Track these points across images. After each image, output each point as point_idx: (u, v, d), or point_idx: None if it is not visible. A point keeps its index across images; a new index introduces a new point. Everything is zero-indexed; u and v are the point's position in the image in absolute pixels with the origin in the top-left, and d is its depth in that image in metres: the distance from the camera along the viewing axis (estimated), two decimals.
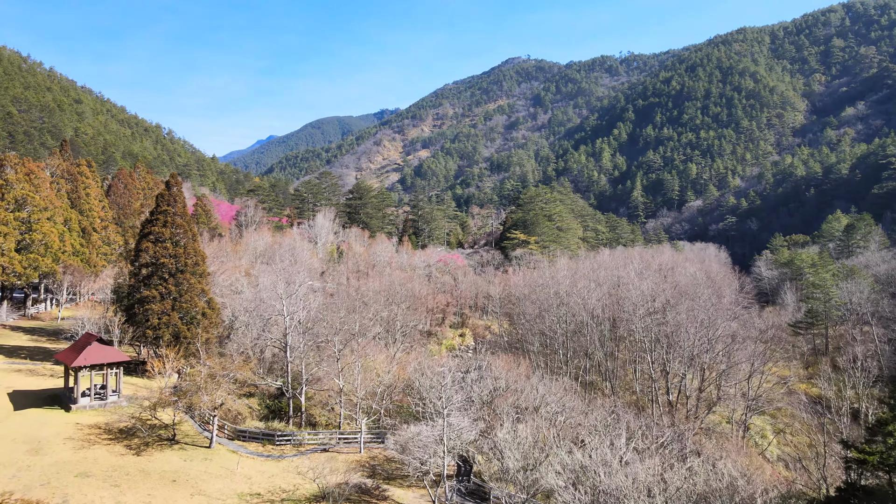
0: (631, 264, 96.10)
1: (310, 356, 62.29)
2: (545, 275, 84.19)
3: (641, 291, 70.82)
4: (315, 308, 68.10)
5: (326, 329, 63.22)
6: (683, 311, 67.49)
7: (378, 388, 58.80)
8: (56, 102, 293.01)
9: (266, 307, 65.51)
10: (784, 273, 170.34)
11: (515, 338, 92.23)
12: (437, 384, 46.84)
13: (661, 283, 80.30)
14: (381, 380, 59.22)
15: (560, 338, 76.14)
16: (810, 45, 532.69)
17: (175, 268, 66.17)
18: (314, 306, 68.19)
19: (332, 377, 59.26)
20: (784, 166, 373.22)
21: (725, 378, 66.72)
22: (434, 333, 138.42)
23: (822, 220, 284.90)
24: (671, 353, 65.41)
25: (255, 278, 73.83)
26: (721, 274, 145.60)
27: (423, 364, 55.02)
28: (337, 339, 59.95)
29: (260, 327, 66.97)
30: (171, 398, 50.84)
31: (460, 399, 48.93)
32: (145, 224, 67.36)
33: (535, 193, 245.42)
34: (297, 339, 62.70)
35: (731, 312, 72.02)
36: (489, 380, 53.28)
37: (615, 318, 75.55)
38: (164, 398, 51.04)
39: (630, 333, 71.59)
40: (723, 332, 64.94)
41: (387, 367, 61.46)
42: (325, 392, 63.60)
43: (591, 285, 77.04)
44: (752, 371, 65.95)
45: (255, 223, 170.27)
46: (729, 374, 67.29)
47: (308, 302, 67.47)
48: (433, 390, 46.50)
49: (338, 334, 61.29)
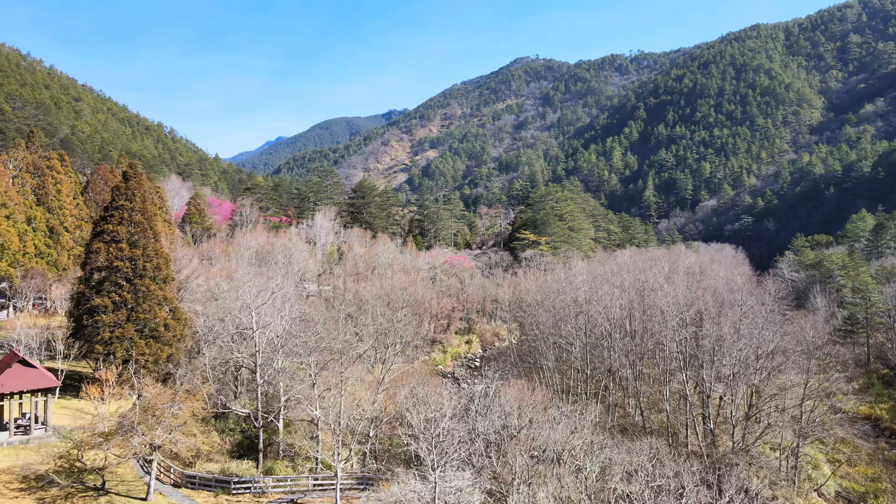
0: (656, 267, 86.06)
1: (286, 378, 52.71)
2: (560, 279, 74.07)
3: (674, 299, 60.95)
4: (292, 319, 58.27)
5: (301, 346, 53.42)
6: (728, 322, 57.76)
7: (361, 421, 48.87)
8: (53, 100, 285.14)
9: (235, 319, 55.70)
10: (812, 275, 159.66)
11: (527, 348, 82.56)
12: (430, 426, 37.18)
13: (693, 288, 70.51)
14: (364, 411, 49.34)
15: (578, 351, 66.39)
16: (826, 42, 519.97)
17: (132, 272, 56.87)
18: (291, 317, 58.39)
19: (307, 406, 49.68)
20: (802, 164, 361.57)
21: (774, 400, 57.05)
22: (439, 341, 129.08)
23: (843, 219, 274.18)
24: (711, 371, 55.78)
25: (240, 282, 64.21)
26: (745, 276, 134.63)
27: (417, 392, 45.34)
28: (313, 361, 50.46)
29: (228, 342, 57.18)
30: (97, 439, 41.12)
31: (461, 434, 39.66)
32: (98, 222, 58.03)
33: (545, 192, 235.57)
34: (275, 357, 53.40)
35: (779, 324, 61.98)
36: (497, 412, 43.45)
37: (644, 330, 65.73)
38: (87, 439, 41.37)
39: (659, 347, 61.96)
40: (774, 346, 55.24)
41: (372, 396, 51.44)
42: (303, 422, 53.76)
43: (614, 292, 66.93)
44: (807, 394, 56.20)
45: (251, 223, 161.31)
46: (777, 395, 57.62)
47: (287, 311, 57.70)
48: (426, 435, 36.93)
49: (313, 353, 51.84)
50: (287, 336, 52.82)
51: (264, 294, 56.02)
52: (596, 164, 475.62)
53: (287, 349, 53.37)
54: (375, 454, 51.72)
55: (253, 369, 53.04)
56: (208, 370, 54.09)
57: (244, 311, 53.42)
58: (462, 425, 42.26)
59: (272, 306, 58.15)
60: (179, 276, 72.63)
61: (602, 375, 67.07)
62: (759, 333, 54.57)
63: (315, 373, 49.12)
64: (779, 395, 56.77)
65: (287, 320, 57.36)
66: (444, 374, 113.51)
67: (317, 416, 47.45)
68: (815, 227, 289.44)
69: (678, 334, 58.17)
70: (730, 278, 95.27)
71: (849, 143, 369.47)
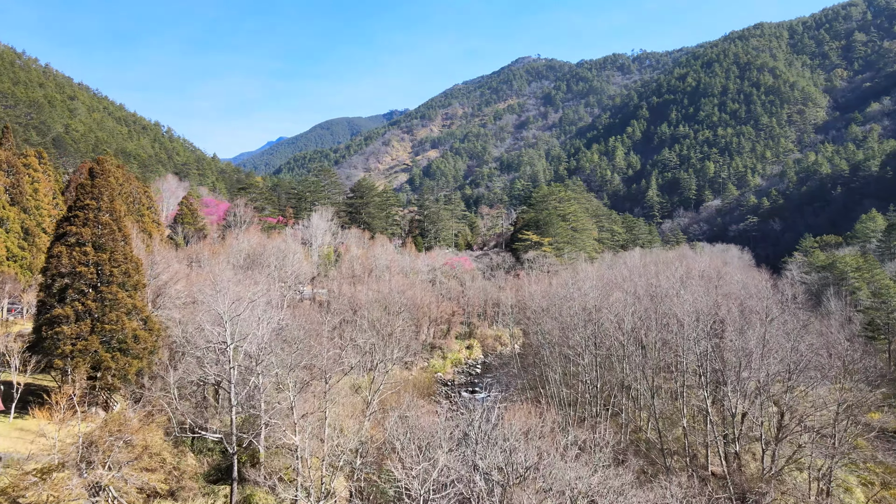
0: (668, 270, 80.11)
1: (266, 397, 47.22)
2: (567, 284, 68.40)
3: (693, 307, 55.31)
4: (274, 331, 52.67)
5: (279, 364, 47.68)
6: (754, 332, 52.26)
7: (344, 454, 43.31)
8: (47, 98, 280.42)
9: (206, 332, 50.07)
10: (824, 278, 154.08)
11: (531, 359, 77.21)
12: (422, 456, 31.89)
13: (711, 294, 64.99)
14: (348, 440, 43.74)
15: (588, 363, 60.91)
16: (831, 40, 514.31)
17: (97, 279, 51.67)
18: (273, 328, 52.83)
19: (286, 430, 44.20)
20: (807, 164, 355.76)
21: (806, 419, 51.66)
22: (438, 346, 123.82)
23: (851, 219, 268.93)
24: (737, 387, 50.44)
25: (222, 288, 58.87)
26: (762, 280, 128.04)
27: (408, 416, 40.02)
28: (291, 382, 44.95)
29: (201, 356, 51.56)
30: (30, 479, 35.51)
31: (459, 471, 34.32)
32: (60, 223, 52.72)
33: (548, 192, 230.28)
34: (252, 373, 47.97)
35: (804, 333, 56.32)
36: (500, 443, 37.85)
37: (660, 341, 60.11)
38: (16, 482, 35.72)
39: (676, 360, 56.54)
40: (807, 359, 49.78)
41: (357, 424, 45.83)
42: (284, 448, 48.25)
43: (626, 299, 61.22)
44: (840, 415, 50.71)
45: (244, 223, 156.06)
46: (810, 413, 52.23)
47: (267, 323, 52.12)
48: (417, 475, 31.60)
49: (293, 371, 46.35)
50: (264, 351, 47.21)
51: (242, 303, 50.58)
52: (598, 164, 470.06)
53: (264, 366, 47.84)
54: (361, 492, 45.97)
55: (227, 387, 47.64)
56: (173, 389, 48.59)
57: (217, 323, 48.02)
58: (459, 461, 36.85)
59: (252, 315, 52.92)
60: (157, 280, 67.43)
61: (614, 389, 61.71)
62: (790, 346, 49.23)
63: (294, 394, 43.79)
64: (811, 414, 51.38)
65: (268, 332, 51.81)
66: (443, 382, 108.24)
67: (296, 443, 42.17)
68: (822, 227, 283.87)
69: (698, 346, 52.85)
70: (746, 282, 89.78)
71: (855, 142, 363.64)
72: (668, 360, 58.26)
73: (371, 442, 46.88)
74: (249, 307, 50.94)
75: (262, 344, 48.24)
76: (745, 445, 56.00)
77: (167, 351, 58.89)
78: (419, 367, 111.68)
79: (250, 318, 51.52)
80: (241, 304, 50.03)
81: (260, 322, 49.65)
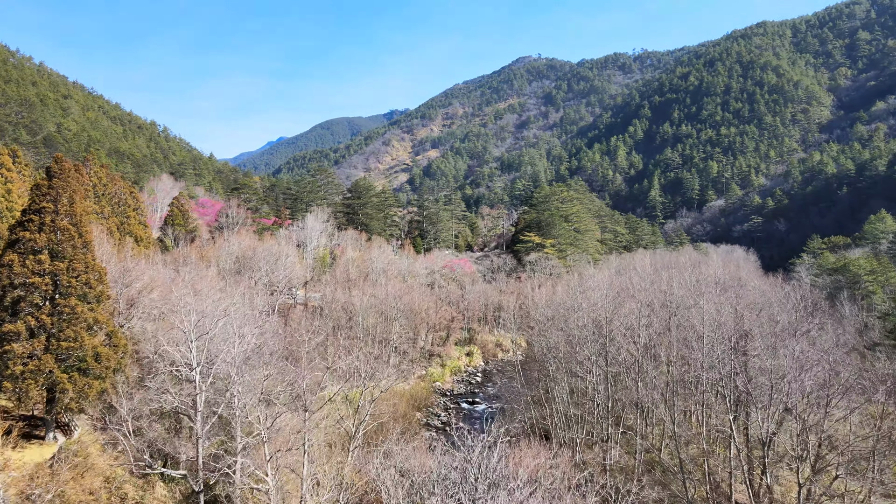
0: (682, 276, 73.83)
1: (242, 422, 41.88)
2: (575, 293, 62.48)
3: (716, 319, 49.73)
4: (247, 351, 47.05)
5: (247, 389, 41.73)
6: (787, 350, 46.71)
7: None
8: (39, 97, 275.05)
9: (169, 352, 44.40)
10: (837, 281, 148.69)
11: (535, 373, 71.87)
12: None
13: (730, 301, 59.52)
14: (325, 489, 38.01)
15: (598, 382, 55.32)
16: (834, 39, 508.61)
17: (53, 291, 46.47)
18: (247, 347, 47.30)
19: (254, 470, 38.81)
20: (812, 163, 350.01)
21: (845, 446, 46.40)
22: (437, 354, 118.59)
23: (858, 220, 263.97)
24: (769, 412, 45.09)
25: (193, 302, 53.44)
26: (775, 286, 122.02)
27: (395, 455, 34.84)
28: (261, 415, 39.34)
29: (164, 379, 45.75)
30: None
31: None
32: (13, 228, 47.47)
33: (550, 192, 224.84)
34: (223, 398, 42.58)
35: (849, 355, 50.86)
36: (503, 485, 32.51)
37: (680, 358, 54.38)
38: None
39: (696, 378, 51.23)
40: (847, 383, 44.37)
41: (335, 472, 40.00)
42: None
43: (641, 310, 55.34)
44: (881, 436, 45.39)
45: (237, 225, 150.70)
46: (850, 441, 46.93)
47: (240, 342, 46.57)
48: None
49: (263, 403, 40.74)
50: (240, 372, 41.70)
51: (214, 317, 45.17)
52: (600, 164, 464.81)
53: (238, 390, 42.36)
54: None
55: (192, 416, 42.14)
56: (138, 413, 43.18)
57: (182, 343, 42.66)
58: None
59: (226, 331, 47.46)
60: (130, 290, 61.98)
61: (626, 408, 56.38)
62: (832, 368, 43.81)
63: (265, 428, 38.29)
64: (851, 443, 46.06)
65: (244, 351, 46.23)
66: (442, 391, 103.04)
67: (269, 484, 36.82)
68: (828, 227, 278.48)
69: (722, 365, 47.61)
70: (763, 289, 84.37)
71: (861, 141, 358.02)
72: (687, 378, 52.89)
73: (353, 490, 40.97)
74: (224, 322, 45.40)
75: (238, 364, 42.76)
76: (774, 472, 50.81)
77: (137, 368, 53.76)
78: (417, 376, 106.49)
79: (225, 333, 46.14)
80: (213, 319, 44.54)
81: (235, 339, 44.06)
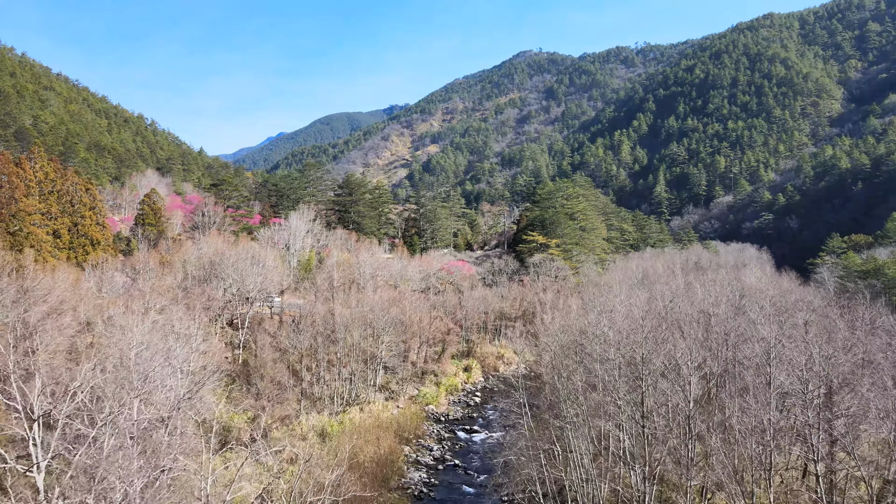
0: (719, 289, 60.91)
1: None
2: (599, 320, 49.15)
3: (804, 369, 37.03)
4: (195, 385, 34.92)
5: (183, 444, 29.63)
6: (866, 381, 34.76)
7: None
8: (16, 88, 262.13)
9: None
10: (871, 285, 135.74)
11: (544, 397, 59.59)
12: None
13: (791, 324, 47.15)
14: None
15: (625, 422, 42.69)
16: (844, 30, 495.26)
17: None
18: (194, 383, 35.10)
19: None
20: (824, 158, 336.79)
21: None
22: (431, 371, 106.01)
23: (874, 216, 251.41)
24: (853, 453, 32.87)
25: (154, 316, 40.78)
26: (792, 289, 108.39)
27: None
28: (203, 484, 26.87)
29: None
30: None
31: None
32: None
33: (553, 189, 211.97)
34: None
35: None
36: None
37: (743, 409, 41.95)
38: None
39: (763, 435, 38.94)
40: None
41: None
42: None
43: (692, 348, 41.91)
44: None
45: (213, 224, 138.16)
46: None
47: (178, 382, 34.29)
48: None
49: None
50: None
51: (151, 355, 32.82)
52: (603, 159, 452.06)
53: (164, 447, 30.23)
54: None
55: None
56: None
57: None
58: None
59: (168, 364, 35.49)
60: (28, 315, 49.33)
61: (671, 470, 43.62)
62: None
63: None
64: None
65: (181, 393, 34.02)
66: (436, 417, 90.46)
67: None
68: (843, 224, 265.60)
69: (804, 411, 35.40)
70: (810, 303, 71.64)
71: (875, 134, 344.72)
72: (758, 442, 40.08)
73: None
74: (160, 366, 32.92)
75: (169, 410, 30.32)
76: None
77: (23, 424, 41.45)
78: (408, 397, 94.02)
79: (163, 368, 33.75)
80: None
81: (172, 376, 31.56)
